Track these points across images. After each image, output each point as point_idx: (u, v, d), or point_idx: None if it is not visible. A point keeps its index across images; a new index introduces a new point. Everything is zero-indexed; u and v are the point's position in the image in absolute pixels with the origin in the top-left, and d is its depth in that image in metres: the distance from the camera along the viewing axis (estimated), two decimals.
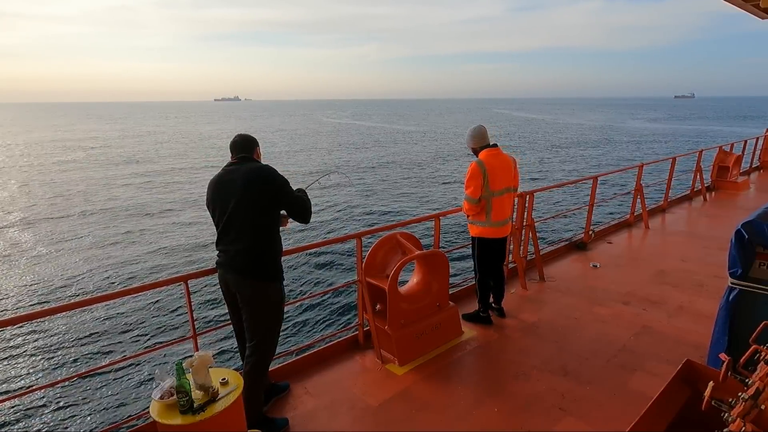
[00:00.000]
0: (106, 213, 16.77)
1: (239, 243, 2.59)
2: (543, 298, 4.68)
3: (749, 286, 2.75)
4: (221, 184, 2.65)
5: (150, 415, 2.14)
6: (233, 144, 2.75)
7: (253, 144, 2.78)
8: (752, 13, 5.98)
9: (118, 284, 10.33)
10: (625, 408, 2.94)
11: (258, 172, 2.60)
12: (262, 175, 2.59)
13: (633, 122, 70.69)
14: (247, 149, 2.73)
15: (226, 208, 2.59)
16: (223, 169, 2.70)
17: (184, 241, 13.35)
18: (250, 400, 2.66)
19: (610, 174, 8.67)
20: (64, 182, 23.33)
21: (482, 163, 3.71)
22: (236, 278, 2.62)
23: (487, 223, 3.85)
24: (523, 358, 3.59)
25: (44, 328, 8.18)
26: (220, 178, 2.67)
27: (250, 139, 2.79)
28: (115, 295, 2.90)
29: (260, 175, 2.59)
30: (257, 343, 2.68)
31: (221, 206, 2.62)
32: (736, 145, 10.39)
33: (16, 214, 16.98)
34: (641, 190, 7.09)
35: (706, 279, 5.03)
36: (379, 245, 3.68)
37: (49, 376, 6.83)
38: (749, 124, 62.66)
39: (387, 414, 2.97)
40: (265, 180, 2.59)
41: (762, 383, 1.48)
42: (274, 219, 2.68)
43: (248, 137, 2.79)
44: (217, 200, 2.64)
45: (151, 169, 27.80)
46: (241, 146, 2.73)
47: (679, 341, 3.78)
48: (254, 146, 2.78)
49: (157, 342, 7.63)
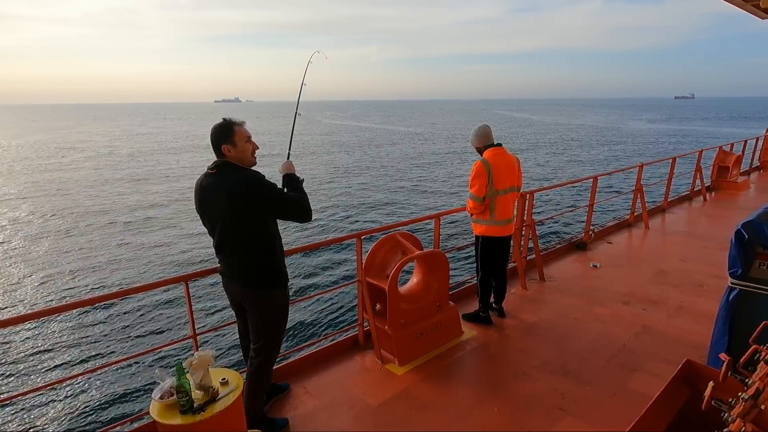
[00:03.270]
0: (106, 213, 16.78)
1: (237, 256, 2.53)
2: (543, 298, 4.68)
3: (749, 286, 2.75)
4: (206, 198, 2.50)
5: (150, 415, 2.14)
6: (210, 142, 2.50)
7: (220, 137, 2.44)
8: (752, 13, 5.97)
9: (118, 284, 10.32)
10: (625, 408, 2.94)
11: (241, 186, 2.40)
12: (246, 189, 2.40)
13: (633, 123, 70.65)
14: (217, 147, 2.46)
15: (215, 225, 2.49)
16: (204, 177, 2.52)
17: (184, 241, 13.35)
18: (252, 401, 2.67)
19: (610, 174, 8.66)
20: (64, 182, 23.34)
21: (487, 162, 3.73)
22: (240, 288, 2.60)
23: (492, 222, 3.86)
24: (523, 358, 3.59)
25: (44, 328, 8.17)
26: (203, 188, 2.50)
27: (217, 131, 2.45)
28: (115, 295, 2.90)
29: (245, 190, 2.40)
30: (263, 344, 2.66)
31: (210, 220, 2.53)
32: (736, 145, 10.39)
33: (16, 213, 16.99)
34: (641, 190, 7.09)
35: (706, 279, 5.03)
36: (379, 245, 3.67)
37: (49, 376, 6.82)
38: (749, 124, 62.63)
39: (387, 414, 2.97)
40: (253, 193, 2.41)
41: (762, 383, 1.48)
42: (271, 226, 2.58)
43: (215, 129, 2.46)
44: (206, 213, 2.54)
45: (151, 168, 27.84)
46: (213, 145, 2.48)
47: (679, 341, 3.78)
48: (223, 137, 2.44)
49: (157, 342, 7.62)
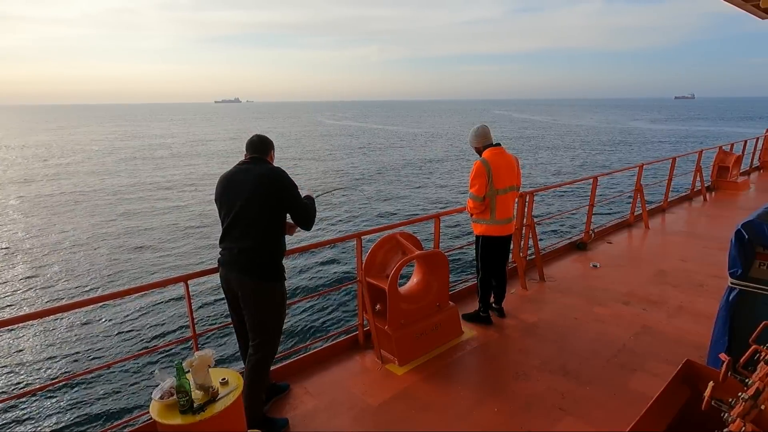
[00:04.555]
0: (105, 213, 16.78)
1: (243, 241, 2.61)
2: (543, 298, 4.68)
3: (749, 286, 2.75)
4: (231, 182, 2.68)
5: (150, 415, 2.14)
6: (250, 143, 2.80)
7: (268, 146, 2.83)
8: (752, 13, 5.97)
9: (118, 284, 10.32)
10: (625, 408, 2.94)
11: (269, 173, 2.64)
12: (272, 177, 2.63)
13: (633, 123, 70.62)
14: (261, 150, 2.78)
15: (234, 206, 2.62)
16: (235, 167, 2.73)
17: (184, 241, 13.35)
18: (251, 400, 2.67)
19: (610, 174, 8.67)
20: (65, 182, 23.34)
21: (486, 161, 3.74)
22: (239, 277, 2.63)
23: (492, 221, 3.86)
24: (523, 358, 3.59)
25: (44, 328, 8.18)
26: (231, 175, 2.71)
27: (267, 141, 2.84)
28: (116, 295, 2.90)
29: (271, 177, 2.63)
30: (260, 342, 2.68)
31: (228, 204, 2.65)
32: (736, 145, 10.39)
33: (15, 213, 16.99)
34: (641, 190, 7.09)
35: (706, 279, 5.03)
36: (379, 245, 3.68)
37: (48, 376, 6.83)
38: (749, 124, 62.63)
39: (387, 414, 2.97)
40: (276, 182, 2.63)
41: (762, 383, 1.48)
42: (280, 220, 2.71)
43: (265, 138, 2.84)
44: (225, 198, 2.68)
45: (150, 168, 27.83)
46: (256, 146, 2.78)
47: (679, 341, 3.78)
48: (269, 148, 2.83)
49: (157, 342, 7.63)
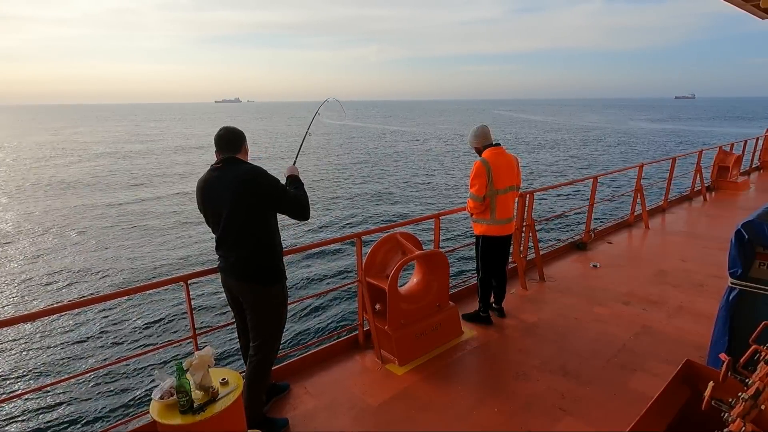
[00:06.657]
0: (105, 213, 16.78)
1: (239, 250, 2.53)
2: (543, 298, 4.68)
3: (749, 286, 2.75)
4: (210, 190, 2.51)
5: (150, 415, 2.14)
6: (218, 138, 2.54)
7: (239, 140, 2.57)
8: (752, 13, 5.97)
9: (118, 284, 10.32)
10: (625, 408, 2.94)
11: (246, 176, 2.44)
12: (251, 180, 2.44)
13: (633, 123, 70.59)
14: (232, 147, 2.54)
15: (220, 215, 2.49)
16: (208, 172, 2.54)
17: (184, 241, 13.34)
18: (252, 400, 2.67)
19: (610, 174, 8.67)
20: (64, 182, 23.33)
21: (486, 161, 3.74)
22: (238, 284, 2.60)
23: (492, 221, 3.87)
24: (523, 358, 3.59)
25: (44, 328, 8.18)
26: (208, 182, 2.52)
27: (237, 134, 2.58)
28: (115, 295, 2.90)
29: (249, 179, 2.44)
30: (261, 343, 2.67)
31: (214, 213, 2.53)
32: (736, 145, 10.39)
33: (15, 213, 16.99)
34: (641, 190, 7.09)
35: (706, 279, 5.03)
36: (379, 245, 3.67)
37: (48, 376, 6.83)
38: (750, 124, 62.61)
39: (387, 414, 2.97)
40: (257, 184, 2.45)
41: (762, 383, 1.47)
42: (271, 222, 2.59)
43: (234, 131, 2.58)
44: (209, 206, 2.54)
45: (150, 169, 27.83)
46: (226, 143, 2.54)
47: (679, 341, 3.78)
48: (241, 142, 2.58)
49: (157, 342, 7.62)
